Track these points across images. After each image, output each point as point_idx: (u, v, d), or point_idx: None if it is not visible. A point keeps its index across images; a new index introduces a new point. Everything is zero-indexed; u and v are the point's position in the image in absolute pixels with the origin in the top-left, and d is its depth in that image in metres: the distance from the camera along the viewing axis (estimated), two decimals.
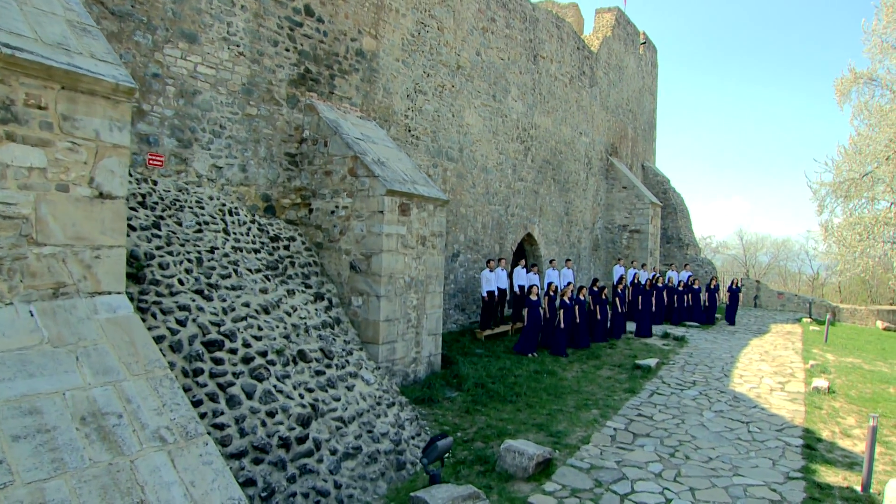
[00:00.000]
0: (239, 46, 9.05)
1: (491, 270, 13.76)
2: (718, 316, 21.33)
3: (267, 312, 7.34)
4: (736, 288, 21.25)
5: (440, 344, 10.60)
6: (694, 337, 16.98)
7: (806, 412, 9.68)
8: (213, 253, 7.50)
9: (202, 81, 8.60)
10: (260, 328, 6.96)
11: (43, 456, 3.47)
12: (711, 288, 20.75)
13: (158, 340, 5.90)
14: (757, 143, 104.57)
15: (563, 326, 13.11)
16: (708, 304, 20.52)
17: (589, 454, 7.52)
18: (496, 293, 13.88)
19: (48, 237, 4.30)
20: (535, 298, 12.84)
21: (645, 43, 27.15)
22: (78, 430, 3.72)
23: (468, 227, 14.69)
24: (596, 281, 16.01)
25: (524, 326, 12.94)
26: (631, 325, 17.15)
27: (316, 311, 8.35)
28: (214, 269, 7.27)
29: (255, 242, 8.58)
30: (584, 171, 21.31)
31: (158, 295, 6.34)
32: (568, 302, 13.44)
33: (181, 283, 6.68)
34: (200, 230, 7.71)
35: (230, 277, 7.36)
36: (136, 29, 7.79)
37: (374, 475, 6.42)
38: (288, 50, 9.80)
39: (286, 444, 5.93)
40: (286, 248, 9.21)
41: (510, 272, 15.31)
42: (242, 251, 8.12)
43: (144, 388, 4.23)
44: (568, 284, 14.26)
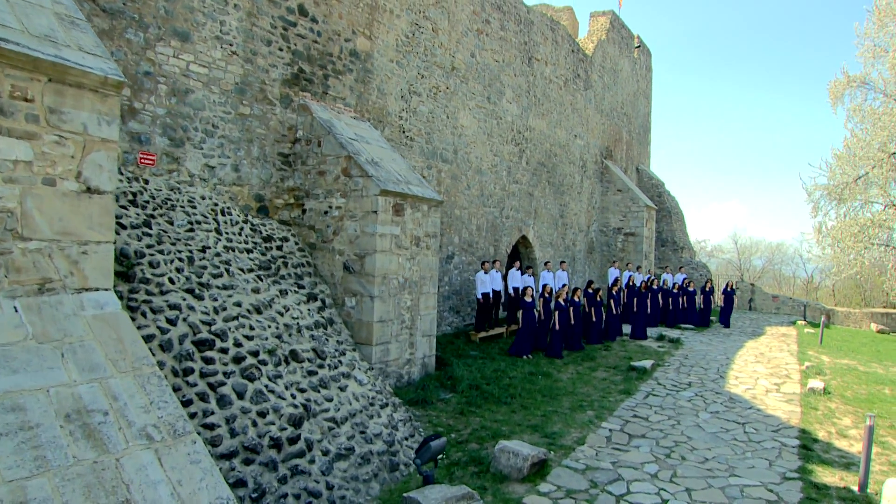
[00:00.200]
0: (232, 45, 8.99)
1: (485, 272, 13.71)
2: (713, 318, 21.32)
3: (259, 312, 7.26)
4: (731, 290, 21.27)
5: (434, 345, 10.53)
6: (689, 339, 16.96)
7: (802, 413, 9.64)
8: (204, 252, 7.42)
9: (195, 80, 8.53)
10: (251, 328, 6.88)
11: (25, 454, 3.38)
12: (706, 290, 20.75)
13: (148, 339, 5.81)
14: (751, 147, 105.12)
15: (557, 328, 13.06)
16: (703, 306, 20.51)
17: (584, 455, 7.46)
18: (491, 295, 13.82)
19: (34, 232, 4.22)
20: (529, 300, 12.79)
21: (639, 47, 27.23)
22: (62, 427, 3.63)
23: (463, 228, 14.63)
24: (591, 283, 15.97)
25: (519, 328, 12.88)
26: (626, 327, 17.11)
27: (309, 311, 8.27)
28: (206, 268, 7.19)
29: (247, 242, 8.50)
30: (578, 173, 21.31)
31: (148, 294, 6.25)
32: (563, 304, 13.40)
33: (172, 281, 6.59)
34: (192, 229, 7.63)
35: (222, 277, 7.28)
36: (127, 26, 7.72)
37: (366, 476, 6.34)
38: (281, 49, 9.74)
39: (277, 444, 5.85)
40: (279, 248, 9.13)
41: (505, 274, 15.26)
42: (235, 251, 8.04)
43: (131, 385, 4.15)
44: (563, 286, 14.21)
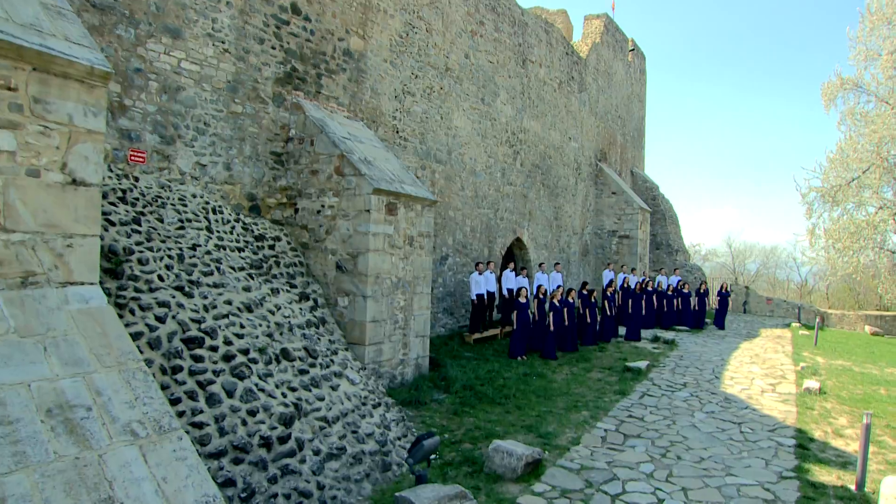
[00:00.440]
0: (224, 43, 8.92)
1: (480, 273, 13.63)
2: (708, 321, 21.30)
3: (250, 310, 7.16)
4: (725, 292, 21.26)
5: (428, 346, 10.44)
6: (684, 340, 16.92)
7: (798, 413, 9.60)
8: (195, 250, 7.33)
9: (186, 77, 8.45)
10: (242, 326, 6.78)
11: (4, 449, 3.28)
12: (701, 292, 20.74)
13: (136, 337, 5.71)
14: (745, 151, 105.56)
15: (552, 329, 12.99)
16: (697, 308, 20.50)
17: (579, 455, 7.38)
18: (485, 296, 13.75)
19: (17, 223, 4.12)
20: (523, 301, 12.73)
21: (633, 50, 27.30)
22: (43, 422, 3.54)
23: (457, 230, 14.57)
24: (585, 284, 15.92)
25: (513, 330, 12.80)
26: (621, 329, 17.06)
27: (301, 310, 8.18)
28: (196, 266, 7.09)
29: (238, 241, 8.41)
30: (573, 176, 21.30)
31: (137, 291, 6.15)
32: (557, 305, 13.34)
33: (161, 279, 6.49)
34: (182, 227, 7.54)
35: (212, 275, 7.19)
36: (118, 22, 7.64)
37: (358, 476, 6.24)
38: (274, 48, 9.68)
39: (268, 443, 5.75)
40: (271, 247, 9.04)
41: (499, 276, 15.20)
42: (226, 249, 7.95)
43: (116, 380, 4.05)
44: (557, 287, 14.16)
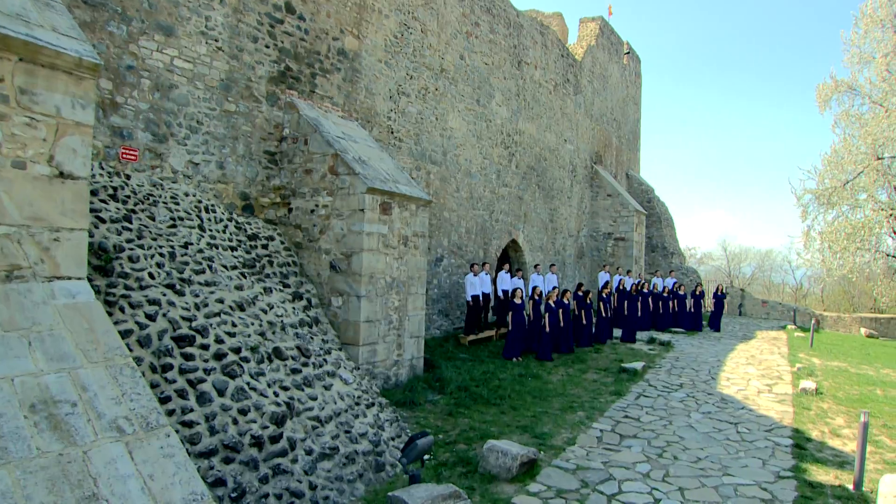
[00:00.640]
0: (217, 41, 8.86)
1: (475, 275, 13.57)
2: (704, 323, 21.29)
3: (242, 309, 7.08)
4: (721, 294, 21.25)
5: (422, 347, 10.36)
6: (680, 342, 16.88)
7: (794, 413, 9.55)
8: (186, 248, 7.24)
9: (179, 75, 8.38)
10: (234, 324, 6.70)
11: None
12: (696, 294, 20.73)
13: (126, 335, 5.62)
14: (740, 155, 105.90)
15: (548, 330, 12.93)
16: (693, 310, 20.47)
17: (575, 455, 7.31)
18: (480, 298, 13.69)
19: (2, 216, 4.05)
20: (519, 302, 12.66)
21: (629, 53, 27.35)
22: (26, 417, 3.45)
23: (452, 231, 14.51)
24: (580, 285, 15.87)
25: (508, 331, 12.74)
26: (616, 331, 17.01)
27: (294, 309, 8.10)
28: (188, 264, 7.01)
29: (231, 240, 8.33)
30: (568, 178, 21.28)
31: (127, 288, 6.07)
32: (552, 306, 13.28)
33: (152, 276, 6.41)
34: (174, 225, 7.46)
35: (204, 273, 7.10)
36: (109, 19, 7.57)
37: (351, 476, 6.15)
38: (268, 47, 9.62)
39: (259, 443, 5.66)
40: (264, 247, 8.96)
41: (494, 277, 15.14)
42: (218, 248, 7.87)
43: (103, 376, 3.97)
44: (553, 289, 14.10)
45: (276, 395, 6.28)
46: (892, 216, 19.77)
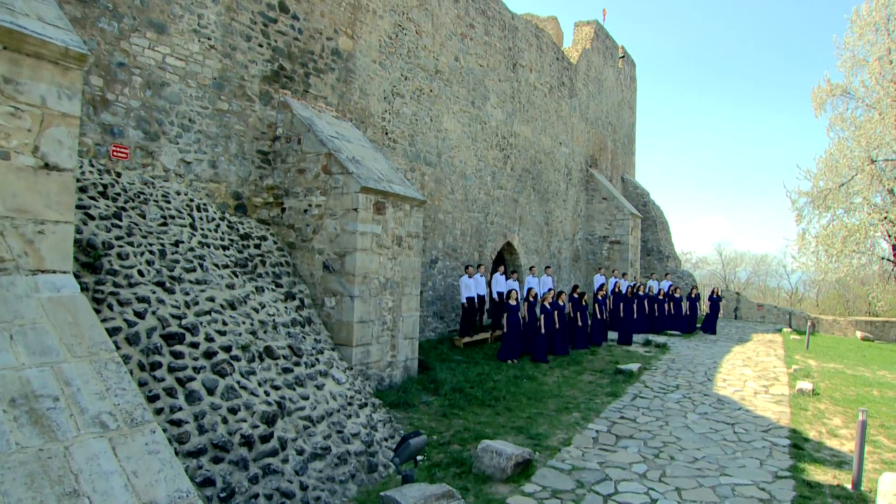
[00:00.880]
0: (210, 39, 8.79)
1: (470, 277, 13.50)
2: (699, 325, 21.25)
3: (233, 308, 6.98)
4: (717, 297, 21.23)
5: (417, 348, 10.27)
6: (676, 344, 16.83)
7: (791, 413, 9.49)
8: (177, 247, 7.15)
9: (171, 73, 8.30)
10: (225, 323, 6.60)
11: None
12: (692, 297, 20.70)
13: (114, 332, 5.52)
14: (735, 160, 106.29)
15: (543, 332, 12.86)
16: (689, 313, 20.44)
17: (570, 455, 7.23)
18: (475, 300, 13.61)
19: None
20: (514, 304, 12.59)
21: (623, 57, 27.41)
22: (6, 412, 3.36)
23: (447, 233, 14.44)
24: (576, 287, 15.81)
25: (504, 333, 12.66)
26: (612, 333, 16.95)
27: (286, 309, 8.01)
28: (178, 262, 6.91)
29: (223, 239, 8.24)
30: (563, 181, 21.25)
31: (116, 285, 5.97)
32: (548, 307, 13.21)
33: (141, 274, 6.31)
34: (165, 223, 7.36)
35: (195, 272, 7.01)
36: (100, 16, 7.49)
37: (343, 477, 6.05)
38: (261, 46, 9.55)
39: (249, 442, 5.56)
40: (257, 246, 8.87)
41: (489, 279, 15.06)
42: (210, 247, 7.77)
43: (87, 370, 3.88)
44: (548, 290, 14.04)
45: (266, 394, 6.18)
46: (886, 219, 19.80)
